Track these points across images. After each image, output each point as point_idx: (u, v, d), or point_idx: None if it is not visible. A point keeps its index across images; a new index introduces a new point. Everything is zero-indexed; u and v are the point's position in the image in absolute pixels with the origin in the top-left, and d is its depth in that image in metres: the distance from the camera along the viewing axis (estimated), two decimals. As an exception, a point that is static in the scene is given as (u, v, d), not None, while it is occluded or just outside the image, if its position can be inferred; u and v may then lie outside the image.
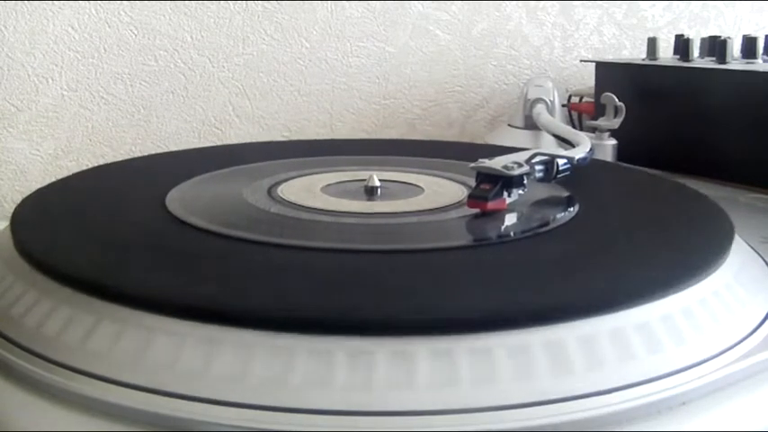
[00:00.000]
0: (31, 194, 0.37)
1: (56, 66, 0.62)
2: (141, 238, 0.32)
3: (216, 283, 0.26)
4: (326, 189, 0.39)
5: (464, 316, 0.24)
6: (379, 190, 0.39)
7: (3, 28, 0.60)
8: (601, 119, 0.53)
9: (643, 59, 0.59)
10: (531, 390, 0.22)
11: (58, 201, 0.37)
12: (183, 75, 0.64)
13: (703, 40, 0.57)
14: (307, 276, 0.27)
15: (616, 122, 0.52)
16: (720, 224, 0.33)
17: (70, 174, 0.43)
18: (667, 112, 0.55)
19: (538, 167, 0.37)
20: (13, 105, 0.61)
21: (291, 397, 0.22)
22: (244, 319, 0.23)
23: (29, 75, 0.61)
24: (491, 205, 0.34)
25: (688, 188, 0.40)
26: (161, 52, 0.64)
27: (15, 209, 0.34)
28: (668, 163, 0.53)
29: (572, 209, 0.35)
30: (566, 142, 0.51)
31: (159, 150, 0.64)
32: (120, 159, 0.51)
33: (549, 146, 0.54)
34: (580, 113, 0.64)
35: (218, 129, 0.66)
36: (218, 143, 0.65)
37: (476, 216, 0.34)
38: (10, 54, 0.61)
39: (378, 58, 0.68)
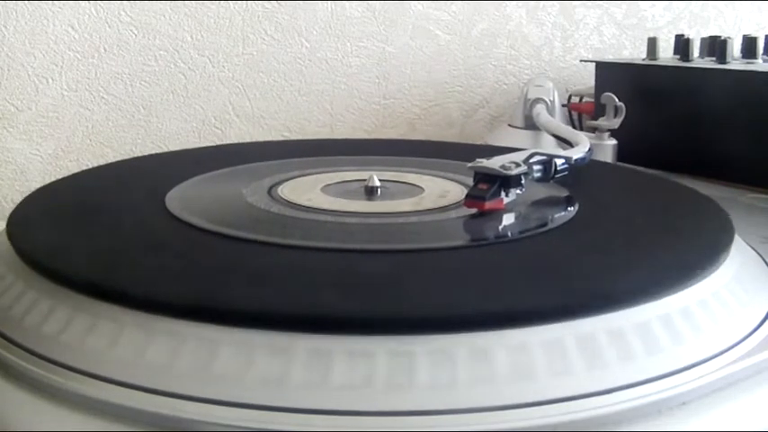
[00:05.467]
0: (29, 194, 0.37)
1: (56, 66, 0.62)
2: (141, 239, 0.32)
3: (215, 283, 0.26)
4: (326, 189, 0.39)
5: (463, 316, 0.24)
6: (379, 190, 0.39)
7: (3, 28, 0.60)
8: (601, 119, 0.53)
9: (643, 59, 0.59)
10: (531, 390, 0.22)
11: (56, 201, 0.37)
12: (183, 75, 0.64)
13: (703, 40, 0.57)
14: (306, 276, 0.27)
15: (616, 122, 0.52)
16: (720, 224, 0.33)
17: (70, 174, 0.43)
18: (667, 112, 0.55)
19: (536, 167, 0.37)
20: (13, 105, 0.61)
21: (291, 397, 0.22)
22: (243, 319, 0.23)
23: (29, 75, 0.61)
24: (489, 205, 0.34)
25: (688, 188, 0.40)
26: (161, 52, 0.64)
27: (14, 209, 0.34)
28: (668, 163, 0.53)
29: (571, 209, 0.35)
30: (565, 142, 0.51)
31: (159, 150, 0.64)
32: (120, 159, 0.51)
33: (549, 146, 0.54)
34: (580, 113, 0.64)
35: (218, 129, 0.66)
36: (218, 143, 0.65)
37: (475, 216, 0.34)
38: (10, 54, 0.61)
39: (378, 58, 0.68)
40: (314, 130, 0.68)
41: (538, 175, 0.37)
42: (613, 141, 0.54)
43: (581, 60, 0.68)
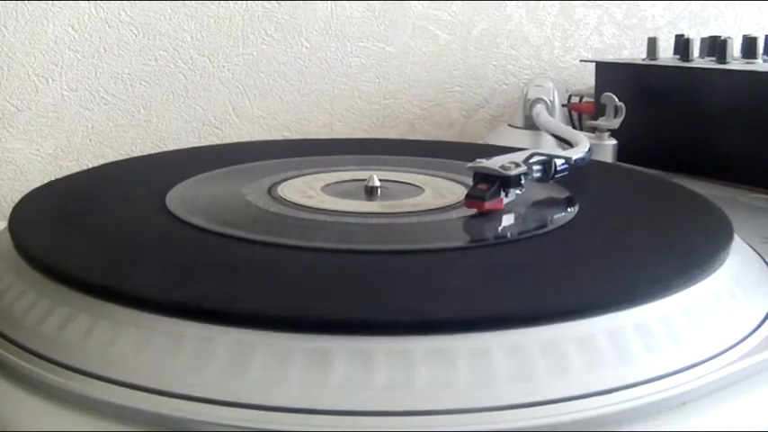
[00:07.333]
0: (29, 194, 0.37)
1: (56, 66, 0.62)
2: (141, 238, 0.32)
3: (215, 283, 0.26)
4: (326, 189, 0.39)
5: (463, 316, 0.24)
6: (379, 190, 0.39)
7: (3, 28, 0.60)
8: (601, 119, 0.53)
9: (643, 59, 0.59)
10: (531, 390, 0.22)
11: (57, 200, 0.37)
12: (183, 75, 0.64)
13: (703, 40, 0.57)
14: (306, 276, 0.27)
15: (616, 122, 0.52)
16: (720, 224, 0.33)
17: (70, 173, 0.43)
18: (667, 112, 0.55)
19: (535, 167, 0.37)
20: (13, 105, 0.61)
21: (290, 397, 0.22)
22: (243, 319, 0.23)
23: (29, 75, 0.61)
24: (488, 205, 0.34)
25: (688, 188, 0.40)
26: (161, 52, 0.64)
27: (14, 208, 0.34)
28: (668, 163, 0.53)
29: (571, 209, 0.35)
30: (565, 142, 0.51)
31: (159, 150, 0.64)
32: (120, 159, 0.51)
33: (549, 146, 0.54)
34: (580, 113, 0.64)
35: (218, 129, 0.66)
36: (219, 143, 0.65)
37: (475, 216, 0.34)
38: (10, 54, 0.61)
39: (378, 58, 0.68)
40: (314, 130, 0.68)
41: (538, 175, 0.37)
42: (613, 141, 0.54)
43: (581, 60, 0.68)
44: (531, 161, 0.37)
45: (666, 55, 0.59)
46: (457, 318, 0.24)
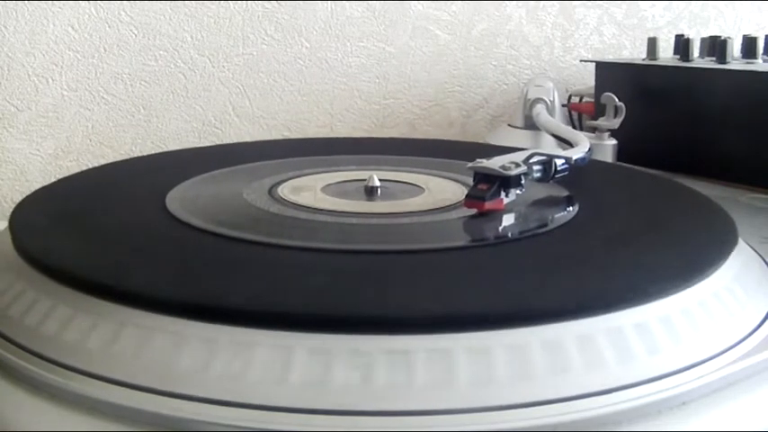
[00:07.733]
0: (30, 194, 0.37)
1: (56, 66, 0.62)
2: (141, 238, 0.32)
3: (215, 283, 0.26)
4: (326, 189, 0.39)
5: (463, 315, 0.24)
6: (379, 190, 0.39)
7: (3, 28, 0.60)
8: (601, 119, 0.53)
9: (643, 59, 0.59)
10: (531, 390, 0.22)
11: (57, 201, 0.37)
12: (183, 75, 0.64)
13: (703, 40, 0.57)
14: (306, 276, 0.27)
15: (616, 122, 0.52)
16: (722, 224, 0.33)
17: (70, 174, 0.43)
18: (667, 112, 0.55)
19: (536, 167, 0.37)
20: (13, 105, 0.61)
21: (291, 397, 0.22)
22: (243, 319, 0.23)
23: (29, 75, 0.61)
24: (488, 205, 0.34)
25: (688, 188, 0.40)
26: (161, 52, 0.64)
27: (14, 209, 0.34)
28: (668, 163, 0.53)
29: (571, 209, 0.35)
30: (565, 142, 0.51)
31: (159, 150, 0.64)
32: (120, 159, 0.51)
33: (549, 146, 0.54)
34: (580, 113, 0.64)
35: (218, 129, 0.66)
36: (219, 143, 0.65)
37: (475, 216, 0.34)
38: (10, 54, 0.61)
39: (378, 58, 0.68)
40: (314, 130, 0.68)
41: (538, 175, 0.37)
42: (613, 141, 0.54)
43: (581, 60, 0.68)
44: (531, 161, 0.37)
45: (666, 55, 0.59)
46: (457, 317, 0.24)
